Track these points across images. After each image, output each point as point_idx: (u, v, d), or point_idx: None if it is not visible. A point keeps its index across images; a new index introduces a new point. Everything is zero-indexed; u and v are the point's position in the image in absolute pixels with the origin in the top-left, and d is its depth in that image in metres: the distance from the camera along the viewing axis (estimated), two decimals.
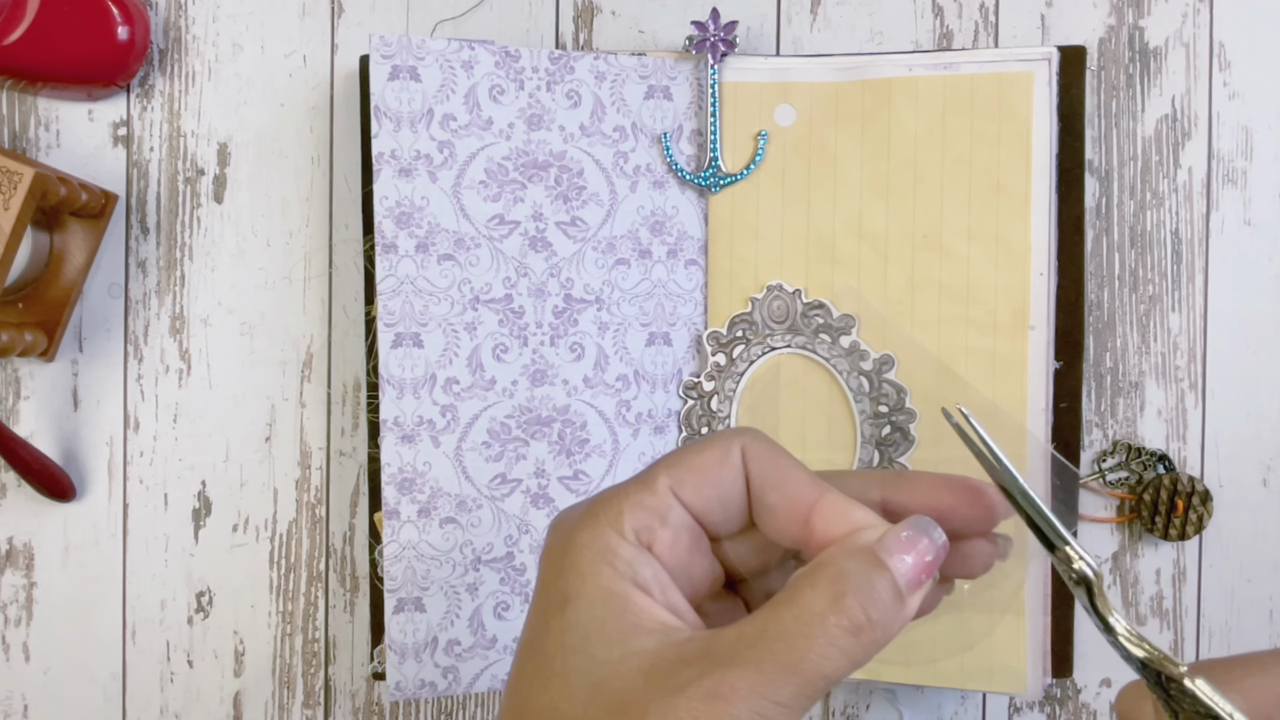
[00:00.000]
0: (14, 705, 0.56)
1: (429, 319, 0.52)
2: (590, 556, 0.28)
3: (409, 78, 0.51)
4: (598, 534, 0.28)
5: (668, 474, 0.29)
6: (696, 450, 0.29)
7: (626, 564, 0.27)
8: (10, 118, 0.56)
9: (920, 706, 0.57)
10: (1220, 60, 0.55)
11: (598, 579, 0.27)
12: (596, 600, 0.27)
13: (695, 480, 0.29)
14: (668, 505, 0.28)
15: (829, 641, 0.25)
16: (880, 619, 0.26)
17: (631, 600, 0.27)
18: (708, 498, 0.29)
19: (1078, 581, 0.29)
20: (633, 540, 0.28)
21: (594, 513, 0.28)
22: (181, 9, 0.56)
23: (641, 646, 0.26)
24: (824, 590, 0.26)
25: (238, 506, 0.56)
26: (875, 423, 0.53)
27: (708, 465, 0.29)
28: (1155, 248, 0.56)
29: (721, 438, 0.29)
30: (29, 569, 0.56)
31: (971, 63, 0.52)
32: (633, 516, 0.28)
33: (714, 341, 0.55)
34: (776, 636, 0.25)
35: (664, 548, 0.28)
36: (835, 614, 0.25)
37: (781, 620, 0.26)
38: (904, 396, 0.53)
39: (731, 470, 0.29)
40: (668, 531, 0.28)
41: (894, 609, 0.26)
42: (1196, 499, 0.54)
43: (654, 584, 0.27)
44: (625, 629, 0.26)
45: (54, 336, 0.55)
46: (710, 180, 0.54)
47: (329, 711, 0.57)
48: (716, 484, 0.29)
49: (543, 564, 0.29)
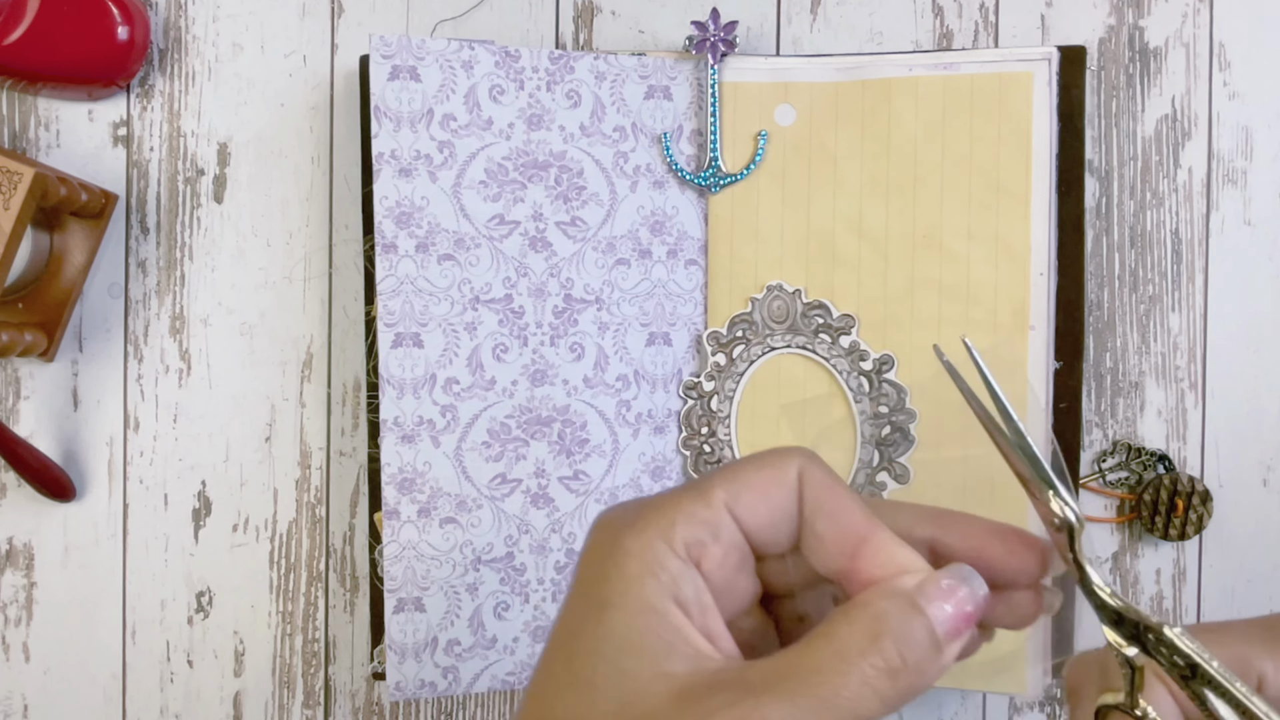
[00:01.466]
0: (14, 705, 0.56)
1: (429, 319, 0.52)
2: (636, 565, 0.27)
3: (409, 78, 0.51)
4: (647, 542, 0.27)
5: (724, 488, 0.28)
6: (755, 466, 0.28)
7: (672, 579, 0.27)
8: (10, 118, 0.56)
9: (920, 706, 0.57)
10: (1220, 60, 0.55)
11: (641, 590, 0.26)
12: (635, 612, 0.26)
13: (751, 498, 0.28)
14: (721, 521, 0.28)
15: (864, 681, 0.25)
16: (915, 664, 0.25)
17: (670, 618, 0.26)
18: (762, 517, 0.28)
19: (1059, 527, 0.28)
20: (682, 554, 0.27)
21: (645, 518, 0.28)
22: (181, 9, 0.56)
23: (673, 669, 0.26)
24: (861, 630, 0.26)
25: (238, 506, 0.56)
26: (875, 423, 0.53)
27: (765, 484, 0.28)
28: (1155, 248, 0.56)
29: (779, 456, 0.29)
30: (29, 569, 0.56)
31: (971, 63, 0.52)
32: (685, 529, 0.27)
33: (714, 341, 0.55)
34: (813, 670, 0.25)
35: (713, 565, 0.28)
36: (872, 654, 0.25)
37: (818, 655, 0.25)
38: (904, 396, 0.53)
39: (787, 491, 0.28)
40: (719, 548, 0.28)
41: (930, 655, 0.26)
42: (1196, 499, 0.54)
43: (694, 605, 0.27)
44: (660, 648, 0.26)
45: (54, 336, 0.55)
46: (710, 180, 0.54)
47: (329, 711, 0.57)
48: (771, 504, 0.28)
49: (584, 562, 0.28)
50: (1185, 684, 0.26)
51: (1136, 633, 0.27)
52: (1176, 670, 0.26)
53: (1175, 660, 0.26)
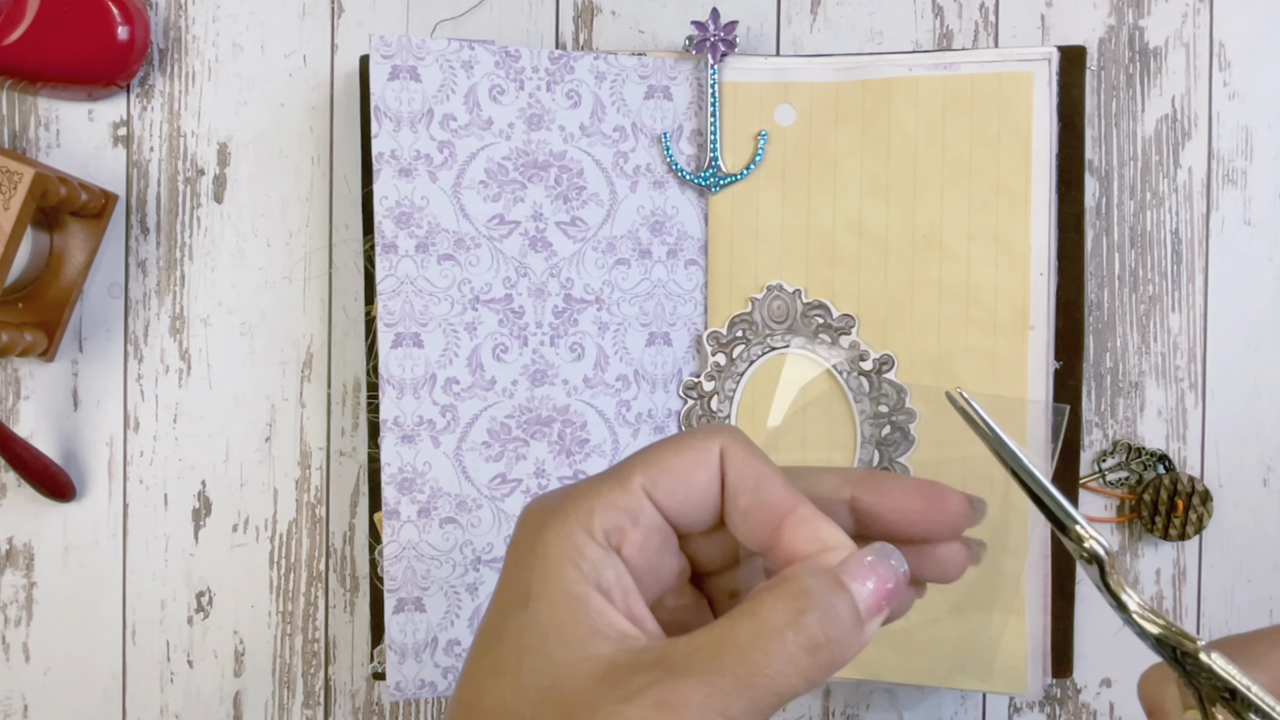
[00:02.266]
0: (14, 705, 0.56)
1: (429, 319, 0.52)
2: (556, 555, 0.27)
3: (409, 78, 0.51)
4: (566, 532, 0.27)
5: (643, 473, 0.28)
6: (674, 449, 0.29)
7: (592, 566, 0.27)
8: (10, 118, 0.56)
9: (920, 706, 0.57)
10: (1220, 60, 0.55)
11: (561, 579, 0.27)
12: (557, 601, 0.27)
13: (670, 481, 0.28)
14: (640, 506, 0.28)
15: (785, 658, 0.25)
16: (838, 639, 0.26)
17: (592, 604, 0.27)
18: (682, 499, 0.28)
19: (1090, 560, 0.29)
20: (601, 541, 0.27)
21: (564, 509, 0.28)
22: (181, 9, 0.56)
23: (597, 652, 0.26)
24: (785, 606, 0.26)
25: (238, 506, 0.56)
26: (875, 423, 0.53)
27: (685, 466, 0.28)
28: (1155, 248, 0.56)
29: (700, 436, 0.29)
30: (29, 569, 0.56)
31: (971, 63, 0.52)
32: (604, 516, 0.28)
33: (714, 341, 0.55)
34: (733, 648, 0.25)
35: (633, 549, 0.28)
36: (794, 630, 0.25)
37: (739, 632, 0.25)
38: (904, 396, 0.53)
39: (708, 472, 0.28)
40: (638, 533, 0.28)
41: (852, 631, 0.26)
42: (1196, 499, 0.54)
43: (616, 589, 0.27)
44: (583, 633, 0.26)
45: (54, 336, 0.55)
46: (710, 180, 0.54)
47: (329, 711, 0.57)
48: (692, 486, 0.28)
49: (509, 556, 0.29)
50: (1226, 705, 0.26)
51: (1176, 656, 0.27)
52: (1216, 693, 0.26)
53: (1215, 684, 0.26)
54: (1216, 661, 0.26)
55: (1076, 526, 0.29)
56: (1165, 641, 0.27)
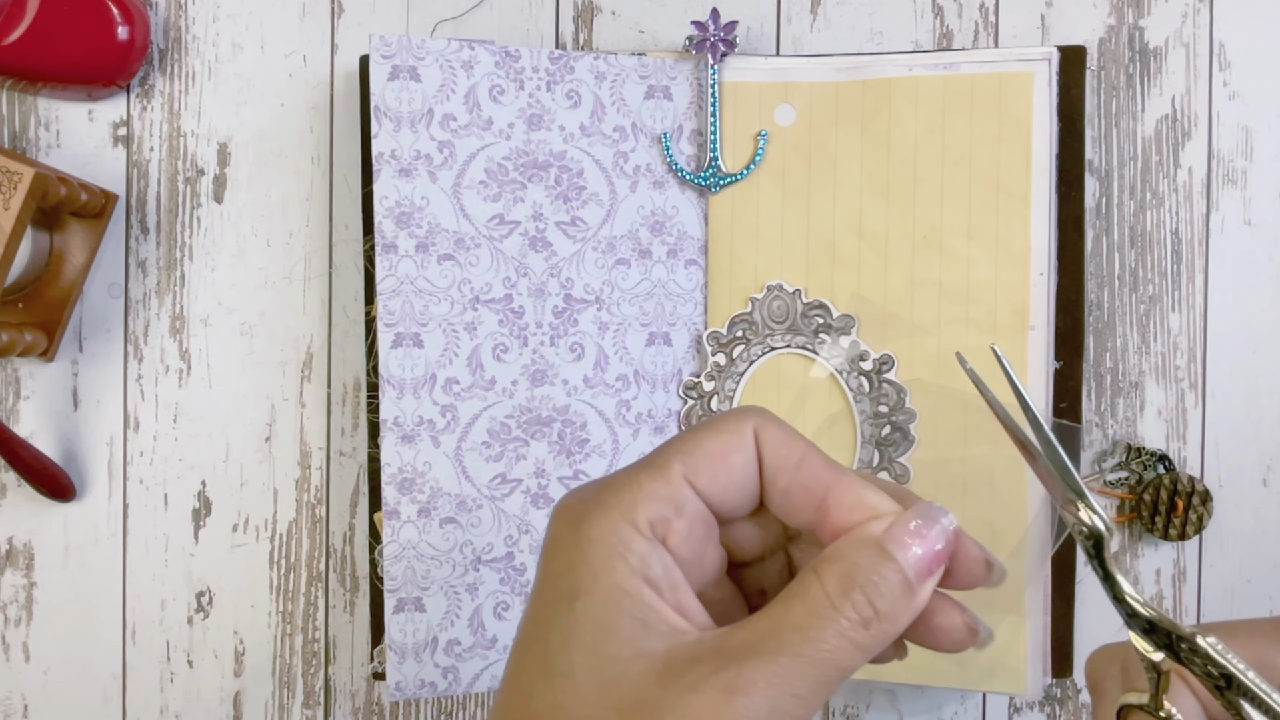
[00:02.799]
0: (14, 705, 0.56)
1: (429, 319, 0.52)
2: (602, 550, 0.27)
3: (409, 78, 0.51)
4: (610, 526, 0.27)
5: (682, 460, 0.28)
6: (710, 434, 0.28)
7: (640, 559, 0.27)
8: (10, 118, 0.56)
9: (920, 706, 0.57)
10: (1220, 60, 0.55)
11: (611, 574, 0.26)
12: (608, 597, 0.26)
13: (710, 467, 0.28)
14: (683, 495, 0.28)
15: (840, 634, 0.25)
16: (888, 611, 0.26)
17: (643, 598, 0.26)
18: (723, 484, 0.28)
19: (1088, 536, 0.28)
20: (647, 533, 0.27)
21: (605, 502, 0.27)
22: (181, 9, 0.56)
23: (652, 647, 0.26)
24: (833, 584, 0.26)
25: (238, 506, 0.56)
26: (875, 423, 0.53)
27: (723, 450, 0.28)
28: (1155, 248, 0.56)
29: (733, 419, 0.28)
30: (29, 569, 0.56)
31: (971, 63, 0.52)
32: (647, 507, 0.27)
33: (714, 341, 0.55)
34: (791, 629, 0.25)
35: (679, 540, 0.27)
36: (845, 607, 0.25)
37: (794, 613, 0.25)
38: (904, 396, 0.53)
39: (745, 454, 0.28)
40: (683, 523, 0.27)
41: (903, 600, 0.26)
42: (1196, 499, 0.54)
43: (665, 582, 0.27)
44: (636, 628, 0.26)
45: (54, 336, 0.55)
46: (710, 180, 0.54)
47: (329, 711, 0.57)
48: (731, 470, 0.28)
49: (547, 554, 0.28)
50: (1220, 694, 0.26)
51: (1169, 641, 0.27)
52: (1210, 680, 0.26)
53: (1209, 670, 0.26)
54: (1214, 646, 0.26)
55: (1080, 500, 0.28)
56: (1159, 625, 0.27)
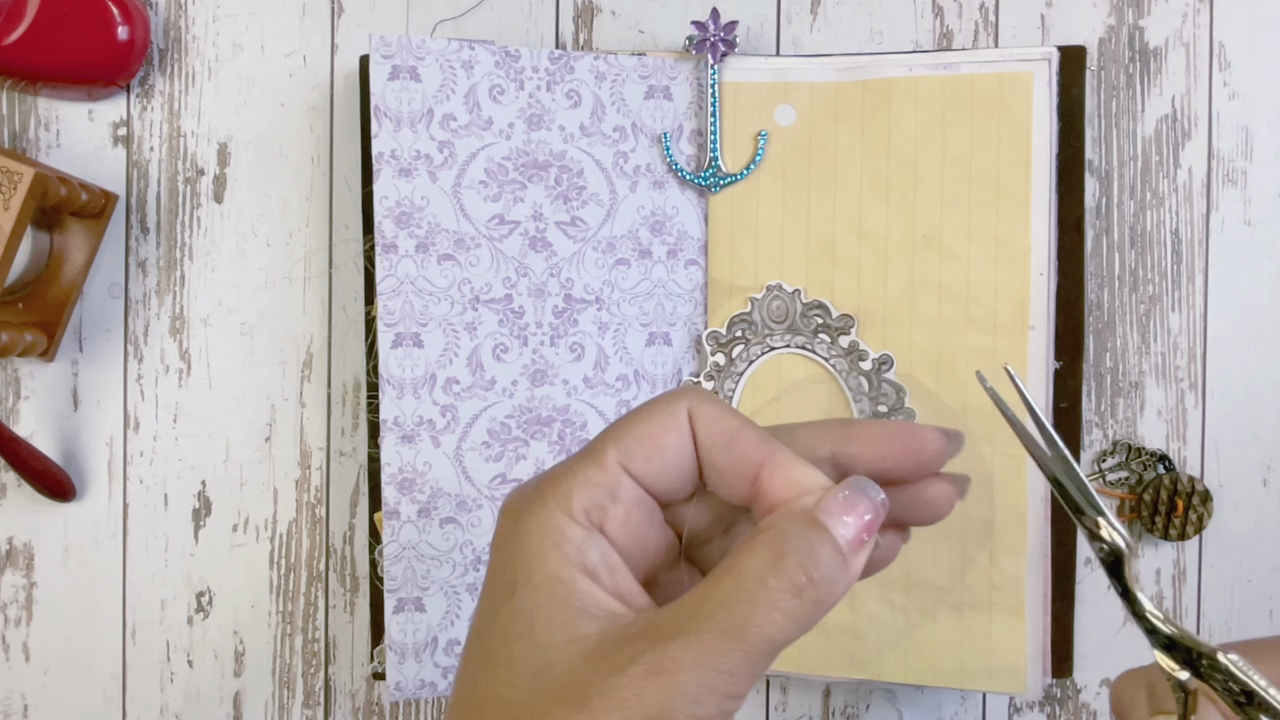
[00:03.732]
0: (14, 705, 0.56)
1: (429, 319, 0.52)
2: (537, 541, 0.27)
3: (409, 78, 0.51)
4: (545, 517, 0.27)
5: (615, 447, 0.28)
6: (642, 418, 0.28)
7: (575, 547, 0.27)
8: (10, 118, 0.56)
9: (920, 706, 0.57)
10: (1220, 60, 0.55)
11: (544, 564, 0.27)
12: (542, 586, 0.26)
13: (644, 451, 0.28)
14: (618, 481, 0.28)
15: (770, 604, 0.25)
16: (822, 578, 0.25)
17: (577, 586, 0.26)
18: (658, 467, 0.28)
19: (1109, 553, 0.28)
20: (583, 521, 0.27)
21: (541, 494, 0.28)
22: (181, 9, 0.56)
23: (585, 631, 0.26)
24: (763, 553, 0.25)
25: (238, 506, 0.56)
26: None
27: (655, 433, 0.28)
28: (1155, 248, 0.56)
29: (665, 401, 0.28)
30: (29, 569, 0.56)
31: (971, 63, 0.52)
32: (582, 495, 0.27)
33: (713, 341, 0.55)
34: (717, 604, 0.25)
35: (616, 526, 0.27)
36: (775, 576, 0.25)
37: (721, 587, 0.25)
38: (903, 396, 0.53)
39: (679, 435, 0.28)
40: (619, 508, 0.27)
41: (837, 569, 0.26)
42: (1196, 499, 0.54)
43: (602, 568, 0.27)
44: (569, 615, 0.26)
45: (54, 336, 0.55)
46: (710, 180, 0.54)
47: (329, 711, 0.57)
48: (665, 451, 0.28)
49: (493, 549, 0.28)
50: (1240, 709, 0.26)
51: (1190, 658, 0.27)
52: (1230, 695, 0.26)
53: (1230, 686, 0.26)
54: (1235, 663, 0.26)
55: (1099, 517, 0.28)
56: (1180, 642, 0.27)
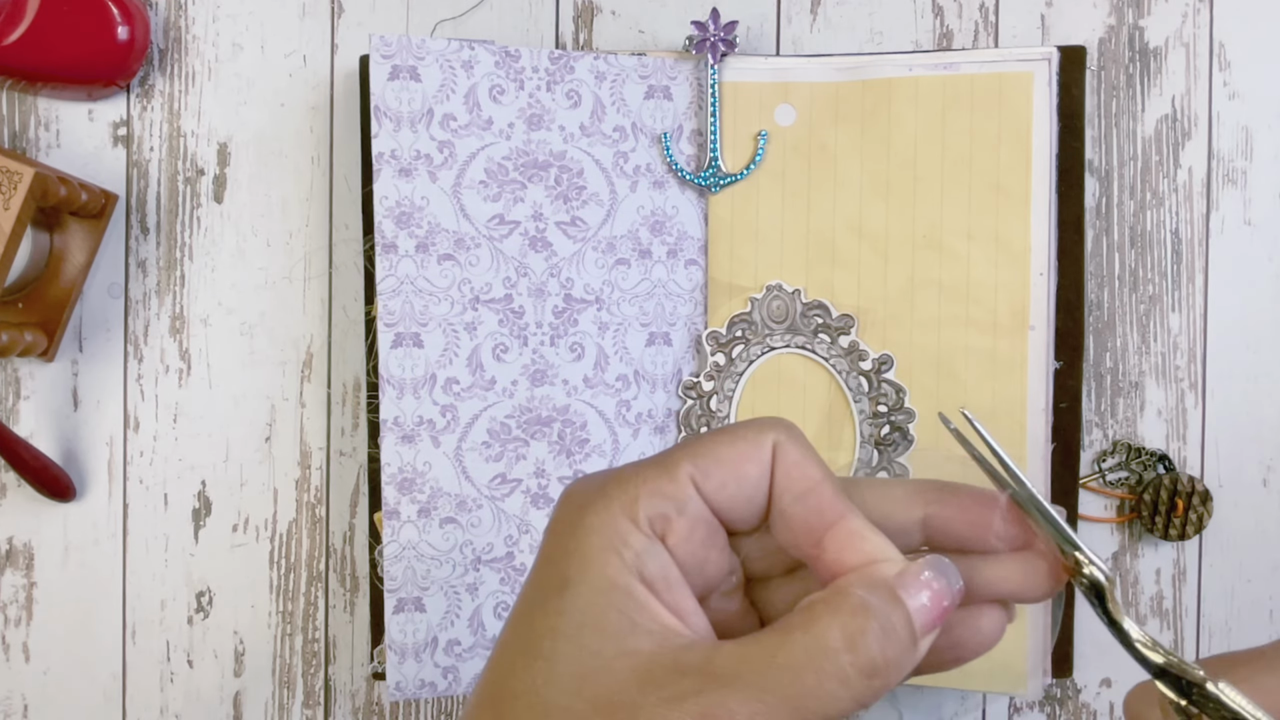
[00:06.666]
0: (14, 705, 0.56)
1: (429, 319, 0.52)
2: (598, 542, 0.26)
3: (409, 78, 0.51)
4: (609, 518, 0.26)
5: (691, 462, 0.27)
6: (727, 441, 0.27)
7: (635, 555, 0.26)
8: (10, 118, 0.56)
9: (920, 706, 0.57)
10: (1220, 60, 0.55)
11: (603, 567, 0.26)
12: (598, 589, 0.25)
13: (721, 474, 0.27)
14: (687, 495, 0.27)
15: (839, 680, 0.24)
16: (894, 660, 0.24)
17: (634, 595, 0.25)
18: (731, 495, 0.27)
19: (1089, 588, 0.28)
20: (646, 529, 0.26)
21: (607, 494, 0.27)
22: (181, 9, 0.56)
23: (637, 646, 0.25)
24: (842, 623, 0.24)
25: (238, 506, 0.56)
26: (874, 422, 0.53)
27: (737, 460, 0.27)
28: (1155, 248, 0.56)
29: (754, 429, 0.27)
30: (29, 569, 0.56)
31: (971, 63, 0.52)
32: (649, 503, 0.26)
33: (713, 341, 0.55)
34: (785, 666, 0.24)
35: (678, 540, 0.26)
36: (852, 653, 0.24)
37: (792, 649, 0.24)
38: (903, 396, 0.53)
39: (759, 468, 0.27)
40: (684, 523, 0.26)
41: (908, 651, 0.25)
42: (1196, 499, 0.54)
43: (660, 580, 0.26)
44: (623, 625, 0.25)
45: (54, 336, 0.55)
46: (710, 180, 0.54)
47: (329, 711, 0.57)
48: (743, 481, 0.27)
49: (548, 539, 0.27)
50: None
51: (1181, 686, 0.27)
52: None
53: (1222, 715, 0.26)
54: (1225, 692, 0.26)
55: (1077, 553, 0.28)
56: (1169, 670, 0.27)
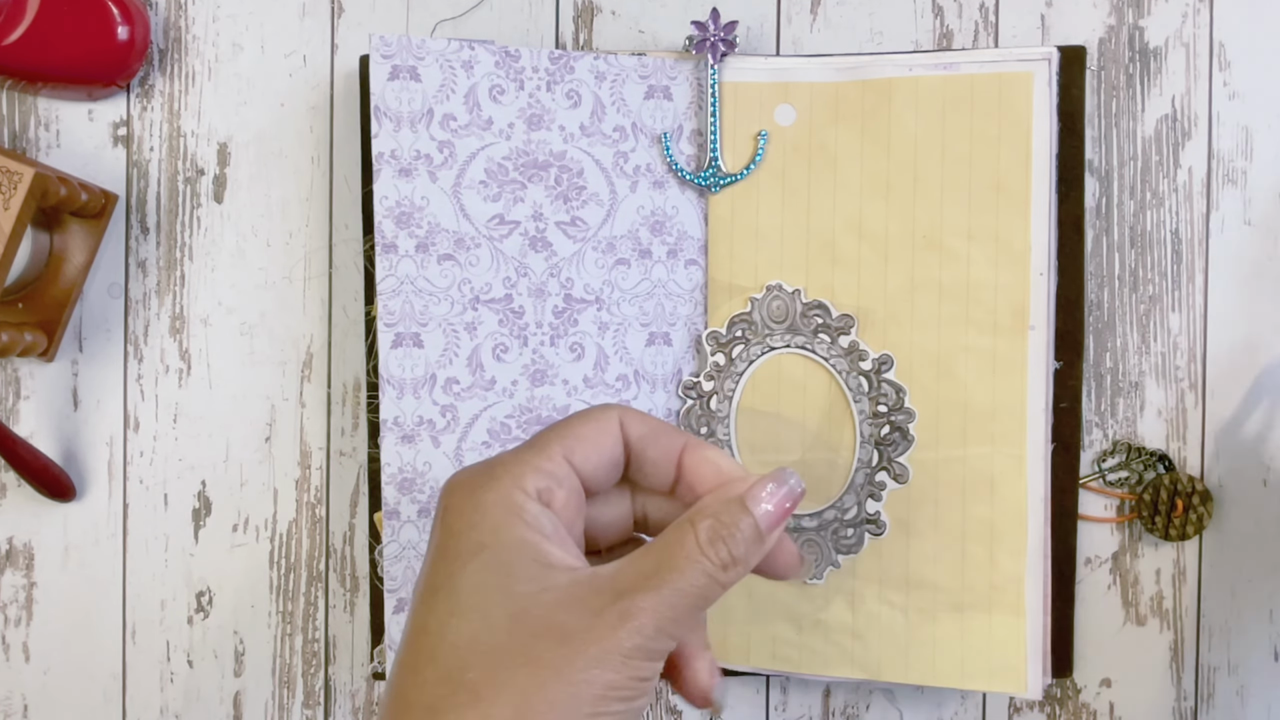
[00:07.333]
0: (14, 705, 0.56)
1: (429, 319, 0.52)
2: (501, 511, 0.32)
3: (409, 78, 0.51)
4: (505, 493, 0.33)
5: (561, 443, 0.34)
6: (582, 421, 0.35)
7: (534, 517, 0.33)
8: (10, 118, 0.56)
9: (920, 706, 0.57)
10: (1220, 60, 0.55)
11: (511, 529, 0.32)
12: (511, 546, 0.32)
13: (583, 448, 0.35)
14: (563, 470, 0.34)
15: (706, 573, 0.32)
16: (743, 557, 0.33)
17: (541, 547, 0.32)
18: (595, 463, 0.35)
19: None
20: (535, 499, 0.33)
21: (496, 475, 0.33)
22: (181, 9, 0.56)
23: (556, 582, 0.31)
24: (704, 534, 0.33)
25: (238, 506, 0.56)
26: (874, 422, 0.53)
27: (594, 434, 0.35)
28: (1155, 248, 0.56)
29: (600, 410, 0.36)
30: (29, 569, 0.56)
31: (971, 63, 0.52)
32: (534, 479, 0.33)
33: (713, 341, 0.55)
34: (669, 568, 0.32)
35: (560, 506, 0.34)
36: (710, 552, 0.32)
37: (673, 556, 0.32)
38: (903, 396, 0.53)
39: (613, 438, 0.35)
40: (563, 492, 0.34)
41: (754, 547, 0.33)
42: (1196, 499, 0.54)
43: (555, 536, 0.33)
44: (538, 570, 0.32)
45: (54, 336, 0.55)
46: (710, 180, 0.54)
47: (329, 711, 0.57)
48: (602, 450, 0.35)
49: (445, 519, 0.33)
50: None
51: None
52: None
53: None
54: None
55: None
56: None
